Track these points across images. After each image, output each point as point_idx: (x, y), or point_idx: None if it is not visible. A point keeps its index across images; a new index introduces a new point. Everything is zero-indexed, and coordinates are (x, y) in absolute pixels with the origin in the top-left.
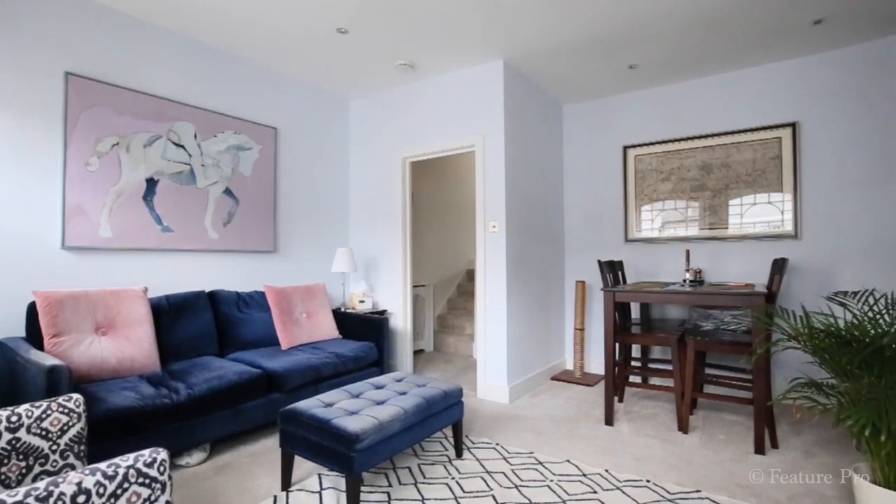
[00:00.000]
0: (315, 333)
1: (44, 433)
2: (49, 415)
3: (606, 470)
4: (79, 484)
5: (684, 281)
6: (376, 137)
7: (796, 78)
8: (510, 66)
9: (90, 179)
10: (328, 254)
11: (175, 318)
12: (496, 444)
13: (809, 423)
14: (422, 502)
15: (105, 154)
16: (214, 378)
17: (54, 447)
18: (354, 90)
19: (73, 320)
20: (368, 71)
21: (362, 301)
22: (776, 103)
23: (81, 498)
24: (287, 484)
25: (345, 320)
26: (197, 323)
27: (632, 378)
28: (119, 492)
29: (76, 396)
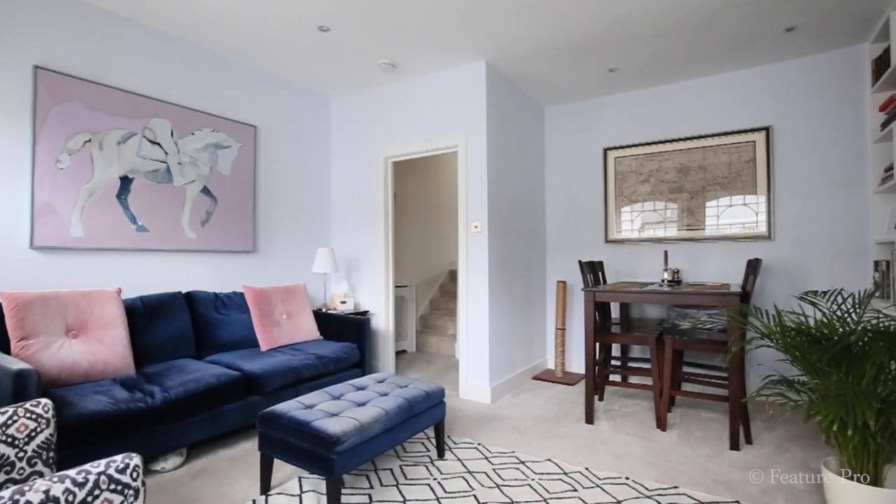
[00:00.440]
0: (295, 335)
1: (10, 440)
2: (15, 420)
3: (587, 468)
4: (46, 492)
5: (662, 281)
6: (358, 137)
7: (769, 83)
8: (493, 67)
9: (61, 177)
10: (309, 254)
11: (150, 320)
12: (478, 444)
13: (782, 419)
14: (404, 503)
15: (77, 151)
16: (191, 381)
17: (21, 454)
18: (336, 89)
19: (43, 322)
20: (350, 70)
21: (344, 302)
22: (750, 108)
23: None
24: (266, 488)
25: (326, 321)
26: (173, 324)
27: (612, 377)
28: (90, 499)
29: (45, 401)
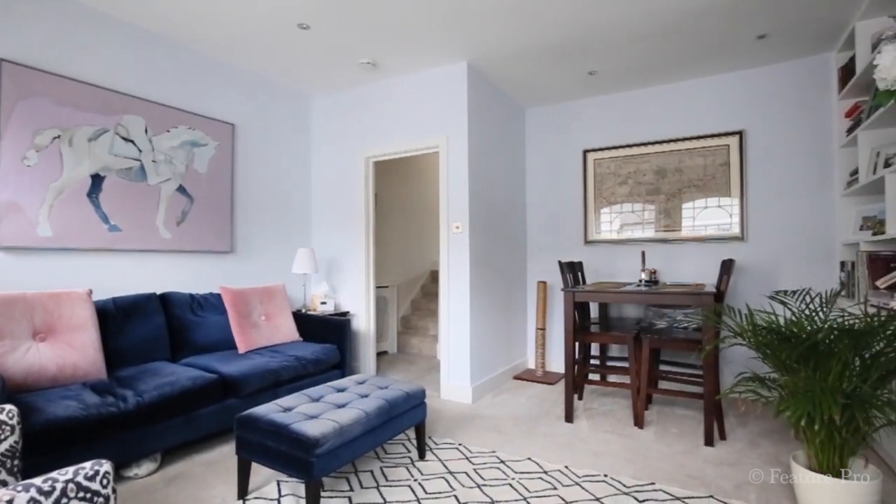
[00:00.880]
0: (274, 336)
1: None
2: None
3: (566, 466)
4: (9, 501)
5: (640, 281)
6: (339, 136)
7: (743, 88)
8: (474, 69)
9: (27, 174)
10: (289, 254)
11: (123, 322)
12: (459, 445)
13: (754, 415)
14: None
15: (45, 147)
16: (166, 384)
17: None
18: (317, 88)
19: (8, 325)
20: (331, 68)
21: (324, 302)
22: (725, 112)
23: None
24: (244, 492)
25: (306, 322)
26: (147, 327)
27: (591, 376)
28: None
29: (9, 407)
